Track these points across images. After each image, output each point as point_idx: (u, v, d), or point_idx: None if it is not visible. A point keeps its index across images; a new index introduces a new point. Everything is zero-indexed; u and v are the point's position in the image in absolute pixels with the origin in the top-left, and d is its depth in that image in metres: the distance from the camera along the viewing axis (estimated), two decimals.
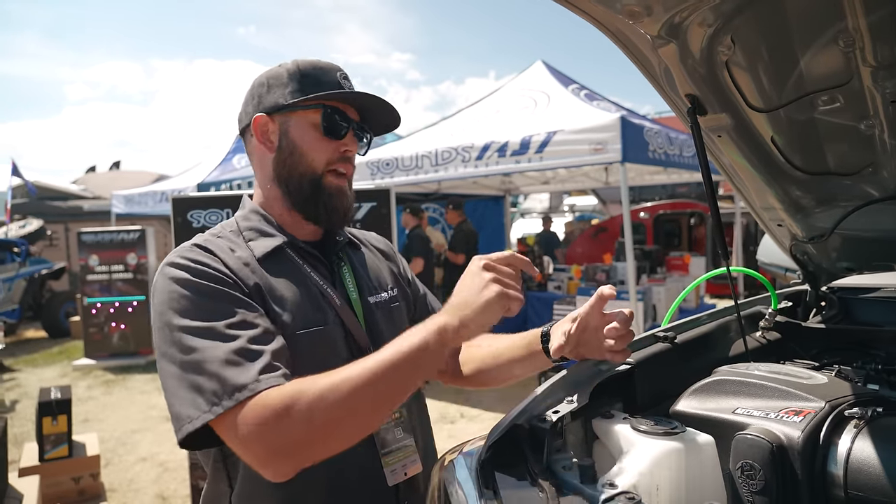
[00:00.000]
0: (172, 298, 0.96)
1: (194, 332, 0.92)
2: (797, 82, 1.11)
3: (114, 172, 22.07)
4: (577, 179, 9.23)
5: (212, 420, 0.87)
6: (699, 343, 1.38)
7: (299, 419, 0.84)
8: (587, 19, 1.08)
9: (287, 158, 1.12)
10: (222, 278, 1.00)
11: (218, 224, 1.18)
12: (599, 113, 5.56)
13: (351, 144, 1.14)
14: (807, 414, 0.95)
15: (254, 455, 0.86)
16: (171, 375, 0.92)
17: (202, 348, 0.91)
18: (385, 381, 0.89)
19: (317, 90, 1.10)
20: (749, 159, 1.34)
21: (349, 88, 1.14)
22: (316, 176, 1.12)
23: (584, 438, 1.11)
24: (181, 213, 3.06)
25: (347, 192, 1.16)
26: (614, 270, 6.35)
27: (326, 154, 1.12)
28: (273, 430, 0.84)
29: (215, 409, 0.87)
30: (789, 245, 1.65)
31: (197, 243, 1.06)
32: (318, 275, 1.14)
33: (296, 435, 0.84)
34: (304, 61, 1.13)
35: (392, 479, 1.11)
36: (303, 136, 1.12)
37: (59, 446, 3.91)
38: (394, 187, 3.66)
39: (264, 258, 1.08)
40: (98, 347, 8.19)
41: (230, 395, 0.87)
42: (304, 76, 1.11)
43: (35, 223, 11.77)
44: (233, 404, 0.86)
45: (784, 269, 2.17)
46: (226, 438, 0.88)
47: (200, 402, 0.88)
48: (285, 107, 1.11)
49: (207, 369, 0.89)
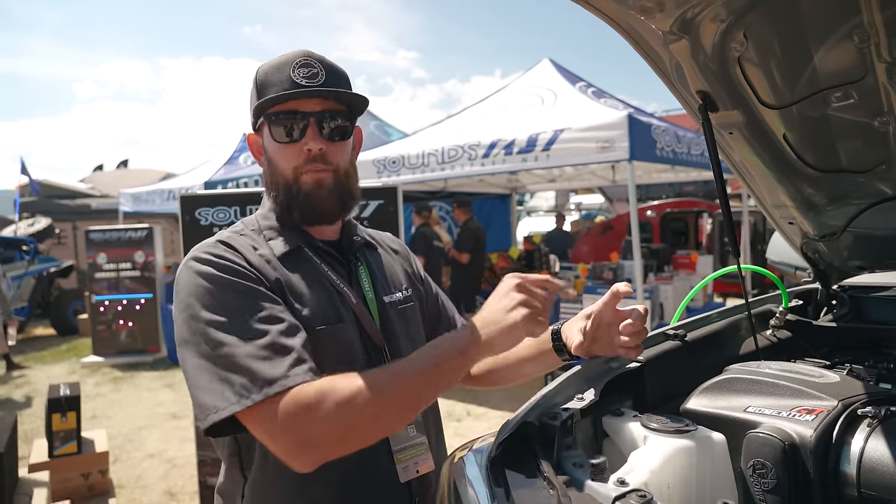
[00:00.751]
0: (199, 292, 0.97)
1: (222, 327, 0.93)
2: (810, 78, 1.10)
3: (121, 171, 22.18)
4: (584, 177, 9.20)
5: (239, 412, 0.89)
6: (709, 341, 1.37)
7: (327, 416, 0.87)
8: (598, 15, 1.07)
9: (267, 170, 1.15)
10: (247, 273, 1.01)
11: (239, 221, 1.18)
12: (607, 111, 5.54)
13: (312, 142, 1.08)
14: (819, 412, 0.94)
15: (281, 447, 0.88)
16: (197, 367, 0.93)
17: (231, 343, 0.92)
18: (409, 390, 0.93)
19: (265, 96, 1.08)
20: (761, 156, 1.34)
21: (303, 77, 1.07)
22: (288, 182, 1.12)
23: (594, 436, 1.10)
24: (189, 211, 3.07)
25: (327, 184, 1.11)
26: (621, 269, 6.33)
27: (291, 160, 1.11)
28: (301, 424, 0.87)
29: (244, 402, 0.88)
30: (800, 243, 1.64)
31: (220, 240, 1.07)
32: (336, 274, 1.14)
33: (323, 431, 0.87)
34: (265, 66, 1.11)
35: (404, 476, 1.11)
36: (270, 146, 1.13)
37: (68, 443, 3.94)
38: (400, 185, 3.66)
39: (283, 256, 1.09)
40: (106, 345, 8.24)
41: (259, 388, 0.88)
42: (261, 85, 1.10)
43: (44, 221, 11.85)
44: (261, 398, 0.88)
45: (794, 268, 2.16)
46: (252, 429, 0.91)
47: (229, 394, 0.89)
48: (255, 123, 1.14)
49: (237, 363, 0.90)
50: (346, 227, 1.24)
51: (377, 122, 9.49)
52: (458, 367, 0.96)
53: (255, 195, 3.23)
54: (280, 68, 1.09)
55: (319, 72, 1.09)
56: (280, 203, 1.13)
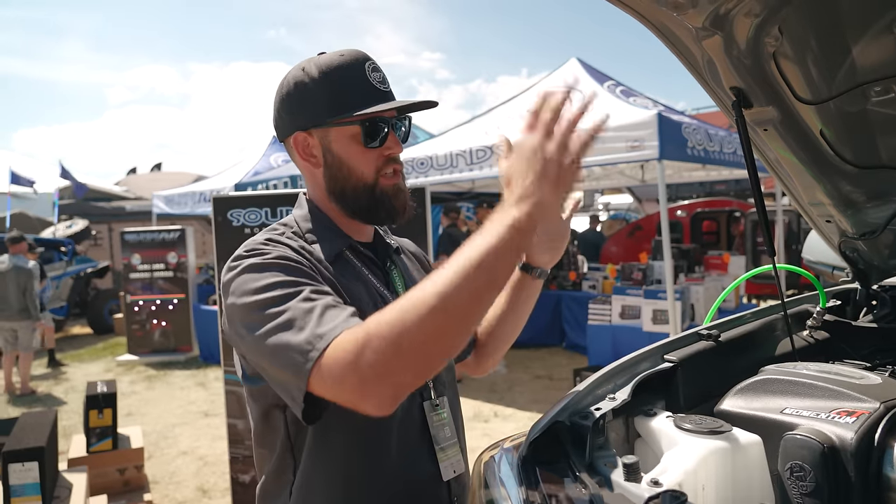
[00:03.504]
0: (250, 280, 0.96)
1: (276, 302, 0.92)
2: (848, 73, 1.08)
3: (154, 174, 22.68)
4: (613, 177, 9.12)
5: (312, 368, 0.85)
6: (744, 341, 1.35)
7: (385, 340, 0.81)
8: (629, 13, 1.06)
9: (336, 173, 1.12)
10: (298, 259, 1.01)
11: (277, 223, 1.17)
12: (636, 110, 5.48)
13: (394, 145, 1.13)
14: (860, 415, 0.92)
15: (350, 389, 0.83)
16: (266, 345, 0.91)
17: (288, 308, 0.90)
18: (463, 289, 0.83)
19: (349, 100, 1.08)
20: (796, 153, 1.31)
21: (378, 82, 1.10)
22: (369, 185, 1.12)
23: (626, 436, 1.10)
24: (221, 212, 3.12)
25: (403, 188, 1.15)
26: (651, 269, 6.25)
27: (373, 163, 1.11)
28: (361, 355, 0.81)
29: (314, 353, 0.85)
30: (838, 242, 1.60)
31: (266, 238, 1.07)
32: (375, 277, 1.15)
33: (384, 356, 0.81)
34: (327, 64, 1.09)
35: (446, 475, 1.11)
36: (346, 150, 1.11)
37: (104, 439, 4.04)
38: (428, 186, 3.67)
39: (331, 260, 1.09)
40: (140, 344, 8.43)
41: (321, 337, 0.85)
42: (332, 84, 1.08)
43: (81, 223, 12.18)
44: (325, 344, 0.85)
45: (832, 268, 2.10)
46: (322, 387, 0.86)
47: (297, 356, 0.86)
48: (316, 124, 1.11)
49: (298, 324, 0.88)
50: (377, 230, 1.24)
51: None
52: (516, 248, 0.86)
53: (287, 196, 3.28)
54: (350, 71, 1.09)
55: (385, 75, 1.13)
56: (357, 206, 1.13)
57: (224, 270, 1.04)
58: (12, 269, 6.87)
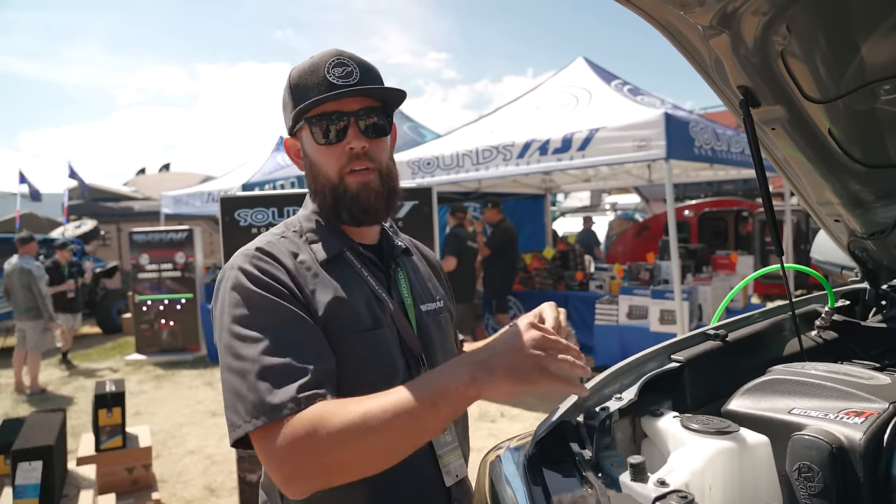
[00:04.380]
0: (232, 304, 1.00)
1: (247, 340, 0.95)
2: (857, 71, 1.07)
3: (163, 174, 22.79)
4: (620, 177, 9.09)
5: (251, 432, 0.91)
6: (751, 341, 1.34)
7: (318, 449, 0.86)
8: (636, 11, 1.06)
9: (310, 173, 1.15)
10: (281, 290, 1.01)
11: (281, 223, 1.18)
12: (643, 109, 5.46)
13: (355, 140, 1.08)
14: (869, 415, 0.91)
15: (272, 471, 0.90)
16: (224, 381, 0.97)
17: (251, 359, 0.93)
18: (401, 429, 0.85)
19: (302, 101, 1.08)
20: (805, 152, 1.30)
21: (338, 77, 1.07)
22: (333, 183, 1.11)
23: (633, 436, 1.09)
24: (229, 212, 3.14)
25: (374, 185, 1.10)
26: (658, 269, 6.22)
27: (334, 161, 1.10)
28: (293, 454, 0.87)
29: (255, 422, 0.90)
30: (847, 241, 1.59)
31: (261, 247, 1.07)
32: (375, 280, 1.14)
33: (313, 462, 0.87)
34: (297, 70, 1.11)
35: (448, 480, 1.11)
36: (311, 149, 1.12)
37: (113, 437, 4.06)
38: (435, 186, 3.67)
39: (325, 262, 1.09)
40: (148, 343, 8.48)
41: (266, 413, 0.89)
42: (296, 89, 1.10)
43: (89, 223, 12.26)
44: (263, 423, 0.89)
45: (840, 267, 2.09)
46: (257, 451, 0.92)
47: (242, 412, 0.92)
48: (292, 128, 1.14)
49: (249, 381, 0.92)
50: (385, 231, 1.23)
51: (411, 123, 9.53)
52: (456, 406, 0.86)
53: (293, 196, 3.29)
54: (314, 70, 1.08)
55: (353, 70, 1.09)
56: (327, 205, 1.13)
57: (220, 273, 1.07)
58: (18, 270, 6.92)
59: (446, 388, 0.85)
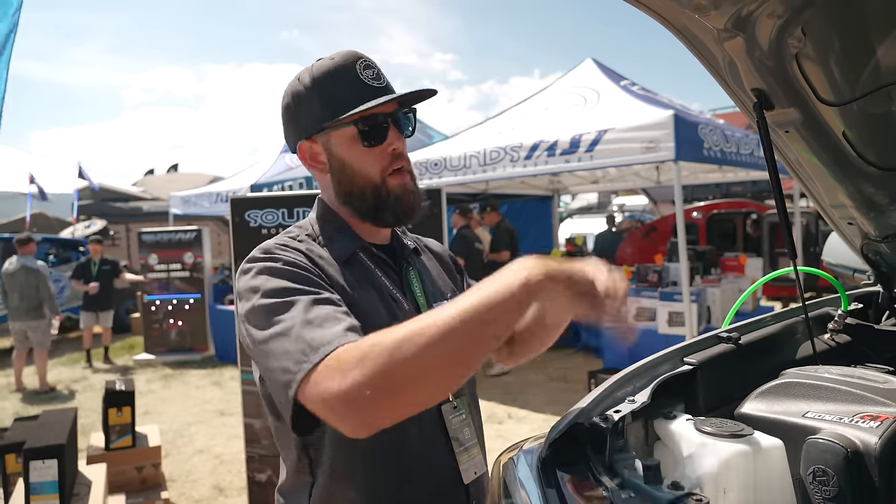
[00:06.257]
0: (260, 283, 0.97)
1: (281, 307, 0.93)
2: (873, 74, 1.06)
3: (171, 174, 22.92)
4: (628, 178, 9.07)
5: (302, 379, 0.84)
6: (764, 344, 1.34)
7: (374, 369, 0.79)
8: (650, 14, 1.06)
9: (342, 177, 1.12)
10: (308, 266, 1.01)
11: (293, 226, 1.18)
12: (652, 110, 5.45)
13: (396, 141, 1.11)
14: (885, 419, 0.91)
15: (330, 408, 0.82)
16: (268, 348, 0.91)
17: (289, 318, 0.90)
18: (463, 335, 0.80)
19: (342, 102, 1.07)
20: (818, 155, 1.29)
21: (371, 79, 1.08)
22: (376, 185, 1.10)
23: (646, 439, 1.09)
24: (239, 213, 3.15)
25: (411, 186, 1.13)
26: (666, 271, 6.20)
27: (377, 162, 1.10)
28: (348, 379, 0.80)
29: (309, 362, 0.84)
30: (860, 244, 1.58)
31: (279, 242, 1.07)
32: (389, 280, 1.14)
33: (375, 380, 0.79)
34: (319, 69, 1.09)
35: (467, 478, 1.11)
36: (348, 152, 1.10)
37: (123, 436, 4.09)
38: (443, 187, 3.68)
39: (342, 263, 1.09)
40: (157, 343, 8.53)
41: (317, 349, 0.85)
42: (323, 89, 1.08)
43: (99, 223, 12.35)
44: (318, 359, 0.84)
45: (853, 270, 2.08)
46: (310, 399, 0.85)
47: (293, 362, 0.86)
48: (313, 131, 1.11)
49: (294, 333, 0.88)
50: (394, 231, 1.23)
51: (418, 123, 9.54)
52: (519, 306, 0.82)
53: (303, 197, 3.30)
54: (341, 73, 1.08)
55: (380, 72, 1.11)
56: (364, 207, 1.12)
57: (238, 273, 1.05)
58: (21, 270, 6.95)
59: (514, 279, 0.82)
